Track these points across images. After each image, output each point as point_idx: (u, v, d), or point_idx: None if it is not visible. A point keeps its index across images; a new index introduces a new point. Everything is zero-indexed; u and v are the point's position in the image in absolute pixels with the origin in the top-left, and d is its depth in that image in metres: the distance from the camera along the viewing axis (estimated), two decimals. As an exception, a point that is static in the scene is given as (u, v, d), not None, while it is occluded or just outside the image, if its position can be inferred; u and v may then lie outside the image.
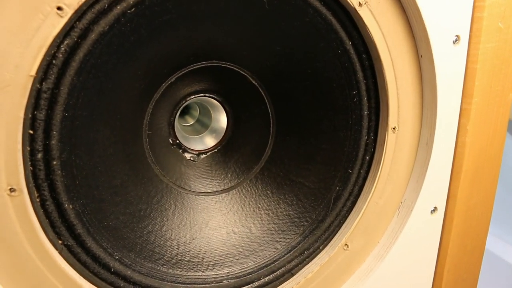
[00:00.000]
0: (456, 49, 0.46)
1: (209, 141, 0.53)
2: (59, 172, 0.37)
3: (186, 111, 0.56)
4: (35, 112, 0.35)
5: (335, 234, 0.50)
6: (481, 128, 0.50)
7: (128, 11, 0.36)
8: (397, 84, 0.46)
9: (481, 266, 0.58)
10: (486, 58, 0.47)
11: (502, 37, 0.47)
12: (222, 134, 0.53)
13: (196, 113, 0.57)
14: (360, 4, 0.42)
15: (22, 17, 0.32)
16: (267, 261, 0.48)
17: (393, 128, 0.47)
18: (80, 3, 0.34)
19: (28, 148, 0.35)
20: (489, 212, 0.55)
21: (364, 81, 0.46)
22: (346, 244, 0.49)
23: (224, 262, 0.47)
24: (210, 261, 0.46)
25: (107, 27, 0.36)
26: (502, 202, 1.27)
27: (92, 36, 0.35)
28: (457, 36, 0.46)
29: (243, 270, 0.47)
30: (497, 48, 0.47)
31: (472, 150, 0.50)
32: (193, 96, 0.49)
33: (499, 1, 0.46)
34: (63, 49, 0.34)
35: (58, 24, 0.33)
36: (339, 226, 0.50)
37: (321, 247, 0.49)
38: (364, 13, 0.42)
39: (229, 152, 0.52)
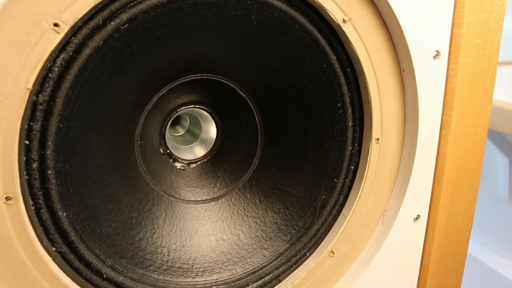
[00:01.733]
0: (436, 63, 0.48)
1: (199, 151, 0.55)
2: (54, 181, 0.38)
3: (177, 122, 0.58)
4: (31, 123, 0.36)
5: (321, 242, 0.51)
6: (461, 139, 0.52)
7: (122, 27, 0.38)
8: (380, 97, 0.48)
9: (464, 272, 0.60)
10: (465, 72, 0.49)
11: (480, 52, 0.50)
12: (212, 144, 0.55)
13: (187, 123, 0.59)
14: (344, 21, 0.44)
15: (22, 33, 0.33)
16: (255, 268, 0.49)
17: (377, 139, 0.49)
18: (76, 19, 0.35)
19: (24, 158, 0.37)
20: (470, 220, 0.56)
21: (349, 94, 0.48)
22: (332, 251, 0.51)
23: (213, 269, 0.48)
24: (200, 267, 0.48)
25: (101, 42, 0.37)
26: (484, 208, 1.29)
27: (87, 51, 0.37)
28: (437, 51, 0.48)
29: (232, 276, 0.48)
30: (475, 63, 0.50)
31: (453, 160, 0.52)
32: (184, 108, 0.51)
33: (476, 19, 0.48)
34: (59, 63, 0.36)
35: (54, 39, 0.35)
36: (325, 233, 0.51)
37: (307, 254, 0.51)
38: (348, 29, 0.44)
39: (218, 162, 0.54)
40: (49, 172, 0.38)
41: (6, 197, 0.36)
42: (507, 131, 0.90)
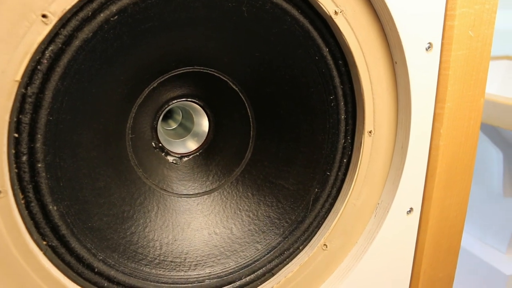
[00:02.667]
0: (429, 56, 0.48)
1: (191, 145, 0.55)
2: (44, 174, 0.38)
3: (169, 116, 0.58)
4: (20, 116, 0.36)
5: (314, 235, 0.51)
6: (454, 131, 0.52)
7: (111, 19, 0.37)
8: (373, 89, 0.47)
9: (458, 266, 0.60)
10: (457, 65, 0.49)
11: (473, 44, 0.50)
12: (204, 138, 0.54)
13: (179, 117, 0.58)
14: (336, 13, 0.44)
15: (9, 25, 0.33)
16: (248, 261, 0.49)
17: (369, 132, 0.49)
18: (65, 11, 0.35)
19: (13, 151, 0.36)
20: (463, 213, 0.56)
21: (341, 86, 0.48)
22: (325, 244, 0.51)
23: (206, 263, 0.48)
24: (192, 261, 0.47)
25: (91, 34, 0.37)
26: (479, 202, 1.30)
27: (76, 42, 0.36)
28: (429, 43, 0.48)
29: (225, 270, 0.48)
30: (467, 55, 0.50)
31: (446, 153, 0.52)
32: (176, 101, 0.51)
33: (469, 11, 0.48)
34: (47, 55, 0.36)
35: (43, 31, 0.34)
36: (318, 227, 0.51)
37: (300, 247, 0.51)
38: (340, 21, 0.44)
39: (210, 155, 0.54)
40: (39, 165, 0.37)
41: (-5, 191, 0.36)
42: (502, 125, 0.90)
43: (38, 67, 0.36)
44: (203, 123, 0.54)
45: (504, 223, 1.26)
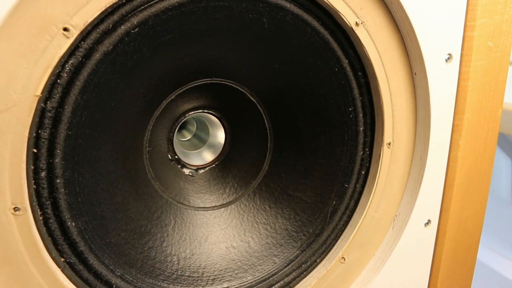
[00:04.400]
0: (448, 67, 0.47)
1: (207, 156, 0.54)
2: (62, 190, 0.37)
3: (183, 126, 0.57)
4: (39, 131, 0.35)
5: (332, 247, 0.50)
6: (472, 143, 0.51)
7: (132, 31, 0.37)
8: (392, 101, 0.47)
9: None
10: (476, 76, 0.49)
11: (492, 55, 0.49)
12: (220, 149, 0.54)
13: (193, 128, 0.58)
14: (357, 24, 0.43)
15: (29, 39, 0.32)
16: (265, 275, 0.49)
17: (388, 144, 0.48)
18: (86, 24, 0.34)
19: (32, 167, 0.35)
20: (480, 224, 0.56)
21: (360, 98, 0.47)
22: (343, 257, 0.50)
23: (223, 277, 0.47)
24: (210, 276, 0.47)
25: (111, 46, 0.36)
26: (491, 212, 1.30)
27: (97, 55, 0.36)
28: (449, 54, 0.47)
29: (242, 284, 0.47)
30: (487, 66, 0.49)
31: (464, 164, 0.51)
32: (192, 112, 0.50)
33: (488, 21, 0.48)
34: (67, 68, 0.35)
35: (64, 45, 0.34)
36: (336, 239, 0.50)
37: (318, 260, 0.50)
38: (361, 33, 0.43)
39: (227, 167, 0.53)
40: (58, 181, 0.37)
41: (14, 208, 0.35)
42: (509, 132, 0.89)
43: (58, 81, 0.35)
44: (219, 135, 0.54)
45: (511, 230, 1.26)
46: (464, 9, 0.47)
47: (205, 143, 0.55)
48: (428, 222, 0.52)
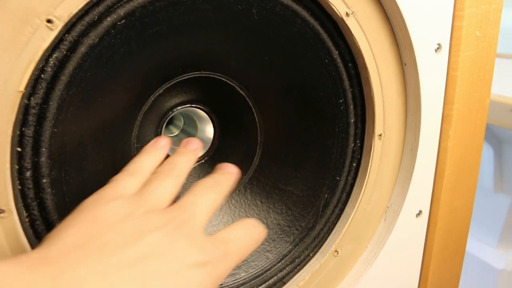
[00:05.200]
0: (438, 57, 0.47)
1: (196, 152, 0.53)
2: (49, 190, 0.35)
3: (170, 122, 0.55)
4: (23, 129, 0.33)
5: (324, 241, 0.50)
6: (461, 133, 0.51)
7: (119, 23, 0.35)
8: (383, 92, 0.47)
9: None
10: (465, 66, 0.49)
11: (480, 45, 0.49)
12: (209, 145, 0.52)
13: (181, 123, 0.56)
14: (347, 14, 0.42)
15: (11, 31, 0.31)
16: (259, 271, 0.48)
17: (379, 135, 0.48)
18: (71, 15, 0.33)
19: (17, 167, 0.34)
20: (469, 214, 0.56)
21: (351, 89, 0.47)
22: (336, 251, 0.49)
23: (216, 274, 0.46)
24: (202, 273, 0.45)
25: (97, 39, 0.35)
26: (475, 201, 1.32)
27: (82, 49, 0.34)
28: (438, 44, 0.47)
29: (236, 281, 0.46)
30: (475, 56, 0.49)
31: (454, 154, 0.52)
32: (180, 107, 0.48)
33: (476, 11, 0.48)
34: (52, 62, 0.33)
35: (48, 37, 0.32)
36: (329, 233, 0.50)
37: (311, 255, 0.50)
38: (351, 23, 0.43)
39: (217, 163, 0.52)
40: (44, 180, 0.35)
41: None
42: (492, 122, 0.91)
43: (42, 75, 0.33)
44: (207, 129, 0.53)
45: (494, 218, 1.29)
46: (453, -2, 0.47)
47: (193, 139, 0.53)
48: (420, 212, 0.52)
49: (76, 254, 0.28)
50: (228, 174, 0.40)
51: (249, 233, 0.36)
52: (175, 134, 0.56)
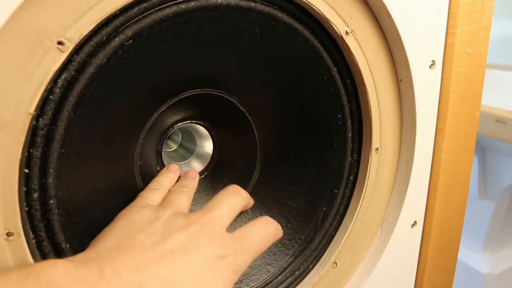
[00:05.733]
0: (432, 73, 0.49)
1: (196, 167, 0.53)
2: (56, 211, 0.35)
3: (169, 137, 0.55)
4: (31, 150, 0.33)
5: (323, 253, 0.51)
6: (454, 145, 0.53)
7: (126, 43, 0.35)
8: (380, 107, 0.48)
9: (452, 273, 0.62)
10: (457, 81, 0.51)
11: (471, 61, 0.51)
12: (208, 160, 0.53)
13: (178, 138, 0.56)
14: (346, 33, 0.44)
15: (23, 53, 0.31)
16: (260, 284, 0.48)
17: (376, 149, 0.49)
18: (82, 37, 0.33)
19: (24, 188, 0.34)
20: (461, 223, 0.58)
21: (348, 105, 0.48)
22: (335, 262, 0.50)
23: (218, 289, 0.46)
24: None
25: (105, 59, 0.35)
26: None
27: (90, 69, 0.34)
28: (433, 61, 0.49)
29: (238, 295, 0.47)
30: (466, 72, 0.51)
31: (447, 166, 0.53)
32: (181, 124, 0.49)
33: (467, 29, 0.50)
34: (60, 83, 0.33)
35: (58, 59, 0.32)
36: (327, 245, 0.51)
37: (310, 267, 0.50)
38: (351, 41, 0.44)
39: (216, 178, 0.52)
40: (51, 201, 0.35)
41: (7, 233, 0.33)
42: (477, 131, 0.93)
43: (50, 96, 0.33)
44: (206, 145, 0.53)
45: (479, 224, 1.32)
46: (446, 17, 0.48)
47: (192, 153, 0.54)
48: (415, 223, 0.54)
49: (113, 253, 0.33)
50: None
51: (266, 229, 0.41)
52: (173, 149, 0.56)
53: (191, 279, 0.33)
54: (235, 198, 0.43)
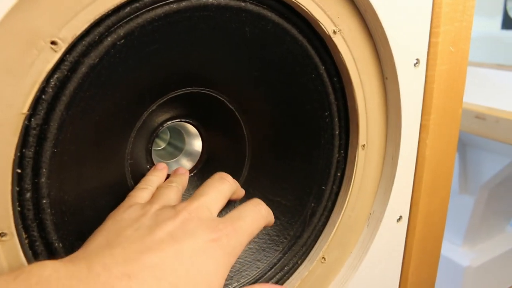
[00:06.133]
0: (416, 71, 0.50)
1: (185, 165, 0.53)
2: (49, 210, 0.35)
3: (157, 135, 0.56)
4: (24, 150, 0.33)
5: (312, 248, 0.52)
6: (437, 141, 0.55)
7: (118, 43, 0.36)
8: (366, 105, 0.49)
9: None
10: (441, 79, 0.52)
11: (453, 59, 0.53)
12: (198, 158, 0.53)
13: (167, 136, 0.57)
14: (334, 32, 0.44)
15: (16, 54, 0.30)
16: (250, 280, 0.49)
17: (363, 146, 0.50)
18: (75, 37, 0.33)
19: (17, 188, 0.34)
20: (444, 217, 0.60)
21: (336, 103, 0.49)
22: (323, 257, 0.51)
23: (209, 286, 0.47)
24: (196, 286, 0.46)
25: (97, 59, 0.35)
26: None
27: (83, 69, 0.34)
28: (417, 59, 0.50)
29: (229, 291, 0.48)
30: (449, 69, 0.52)
31: (431, 162, 0.55)
32: (170, 122, 0.49)
33: (450, 28, 0.51)
34: (53, 83, 0.33)
35: (52, 59, 0.32)
36: (316, 240, 0.52)
37: (299, 262, 0.51)
38: (338, 40, 0.45)
39: (206, 175, 0.52)
40: (44, 201, 0.35)
41: (1, 233, 0.33)
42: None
43: (43, 96, 0.33)
44: (195, 143, 0.53)
45: (459, 218, 1.35)
46: (429, 16, 0.49)
47: (181, 151, 0.54)
48: (400, 218, 0.55)
49: (102, 250, 0.33)
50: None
51: (257, 209, 0.41)
52: (162, 148, 0.56)
53: (183, 265, 0.33)
54: (222, 184, 0.43)
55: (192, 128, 0.52)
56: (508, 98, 1.06)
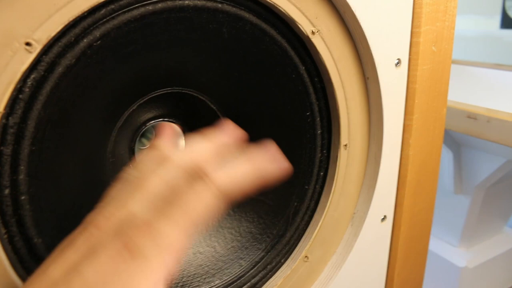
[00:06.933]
0: (398, 71, 0.51)
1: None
2: (28, 206, 0.36)
3: (142, 135, 0.56)
4: (1, 148, 0.34)
5: (295, 247, 0.52)
6: (421, 141, 0.55)
7: (94, 44, 0.37)
8: (347, 105, 0.49)
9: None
10: (423, 79, 0.52)
11: (436, 59, 0.53)
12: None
13: (151, 135, 0.57)
14: (313, 33, 0.45)
15: (-9, 55, 0.32)
16: (232, 278, 0.50)
17: (345, 145, 0.51)
18: (49, 38, 0.34)
19: (-5, 185, 0.35)
20: (430, 217, 0.60)
21: (317, 103, 0.49)
22: (306, 256, 0.52)
23: (191, 283, 0.48)
24: (178, 282, 0.47)
25: (74, 60, 0.36)
26: (436, 203, 1.38)
27: (59, 69, 0.35)
28: (398, 59, 0.50)
29: (211, 288, 0.48)
30: (431, 69, 0.53)
31: (415, 161, 0.55)
32: (153, 121, 0.50)
33: (432, 28, 0.51)
34: (29, 83, 0.34)
35: (26, 60, 0.33)
36: (299, 239, 0.52)
37: (282, 261, 0.52)
38: (317, 41, 0.45)
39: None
40: (23, 197, 0.36)
41: (-21, 229, 0.34)
42: (451, 128, 0.96)
43: (20, 96, 0.34)
44: (180, 142, 0.54)
45: (455, 219, 1.35)
46: (410, 16, 0.50)
47: (166, 151, 0.55)
48: (384, 217, 0.55)
49: None
50: None
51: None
52: (147, 147, 0.57)
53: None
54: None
55: (176, 128, 0.53)
56: (504, 98, 1.05)
